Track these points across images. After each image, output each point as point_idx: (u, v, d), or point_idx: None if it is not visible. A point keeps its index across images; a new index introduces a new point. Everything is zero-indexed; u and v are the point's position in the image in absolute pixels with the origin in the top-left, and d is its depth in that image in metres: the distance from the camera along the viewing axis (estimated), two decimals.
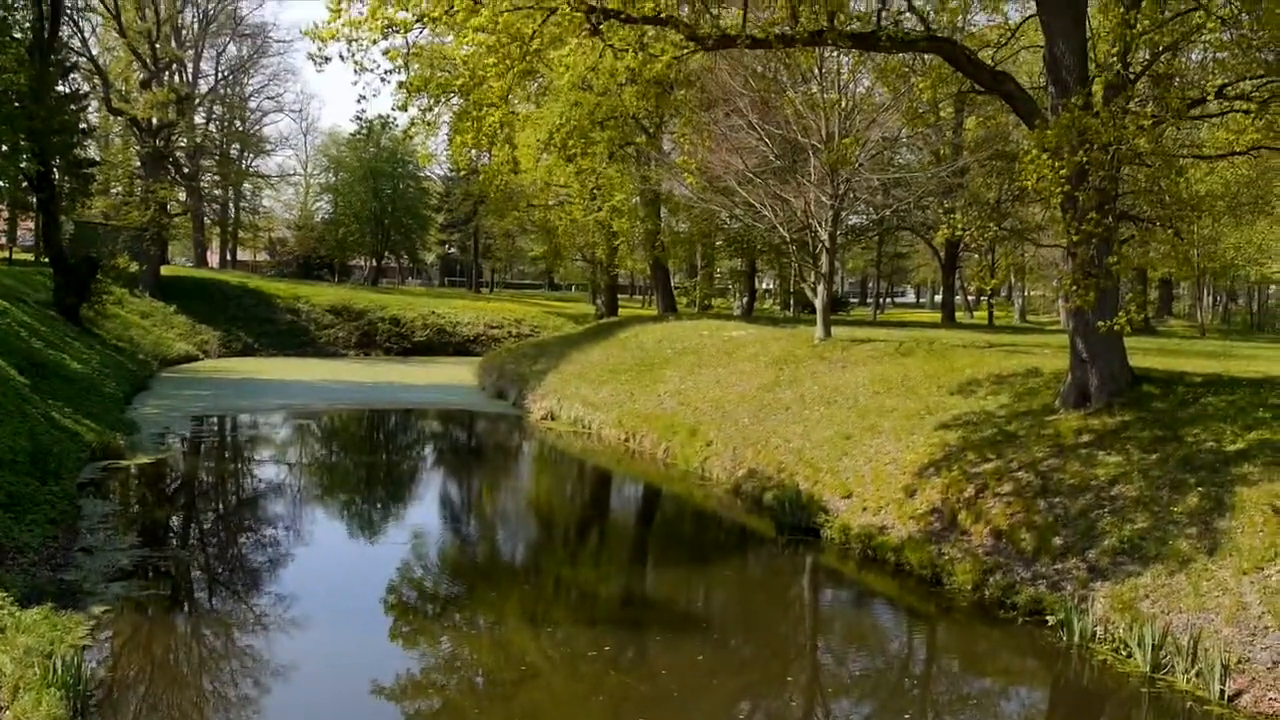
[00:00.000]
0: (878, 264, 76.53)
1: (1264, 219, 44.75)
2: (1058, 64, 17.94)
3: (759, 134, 33.40)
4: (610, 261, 53.16)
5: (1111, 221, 17.05)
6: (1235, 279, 66.31)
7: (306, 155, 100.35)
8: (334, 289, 68.78)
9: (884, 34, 17.99)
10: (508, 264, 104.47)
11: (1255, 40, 16.44)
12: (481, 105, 17.22)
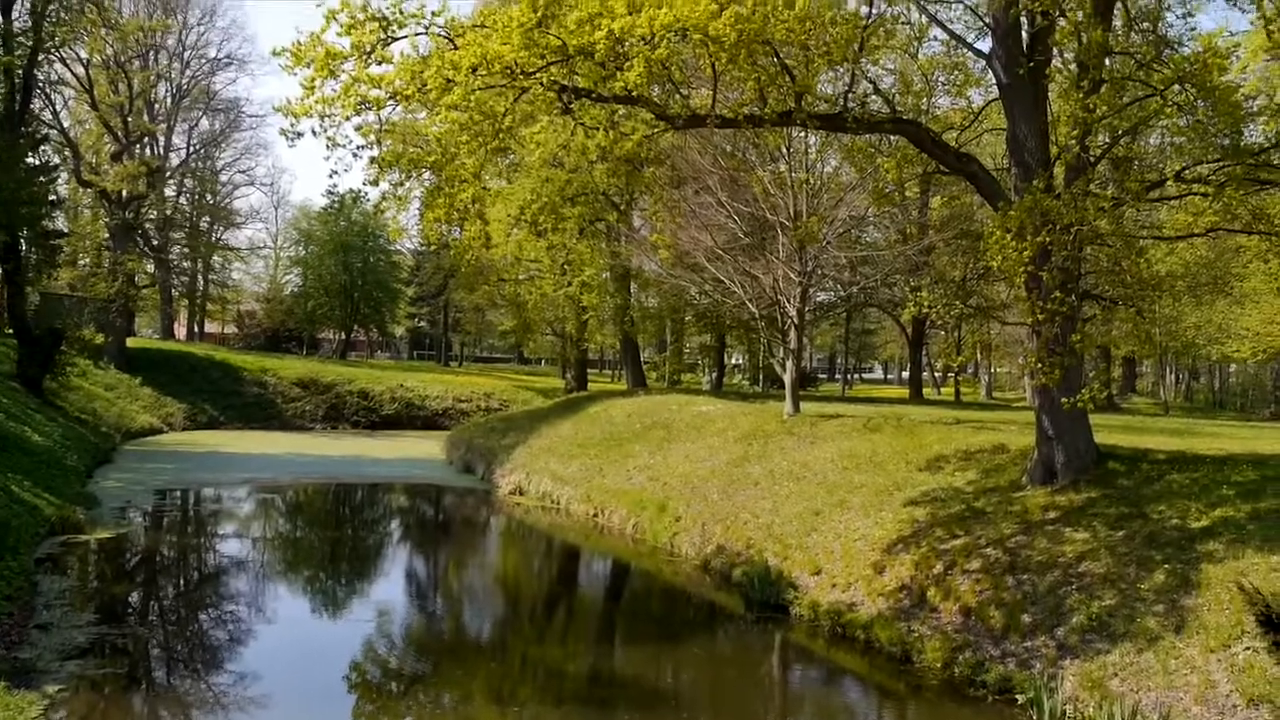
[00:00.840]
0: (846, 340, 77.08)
1: (1223, 299, 45.54)
2: (1020, 147, 18.35)
3: (728, 211, 33.80)
4: (580, 336, 53.30)
5: (1075, 300, 17.31)
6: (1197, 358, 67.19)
7: (277, 228, 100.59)
8: (302, 362, 68.48)
9: (850, 115, 18.34)
10: (477, 338, 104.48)
11: (1211, 126, 16.88)
12: (453, 181, 17.35)
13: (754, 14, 15.36)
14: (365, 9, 15.64)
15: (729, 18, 14.97)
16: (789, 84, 17.55)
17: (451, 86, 15.35)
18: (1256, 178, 17.61)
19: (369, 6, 15.64)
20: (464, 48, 15.56)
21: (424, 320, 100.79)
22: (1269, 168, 17.62)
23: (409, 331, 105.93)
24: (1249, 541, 14.12)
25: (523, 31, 15.24)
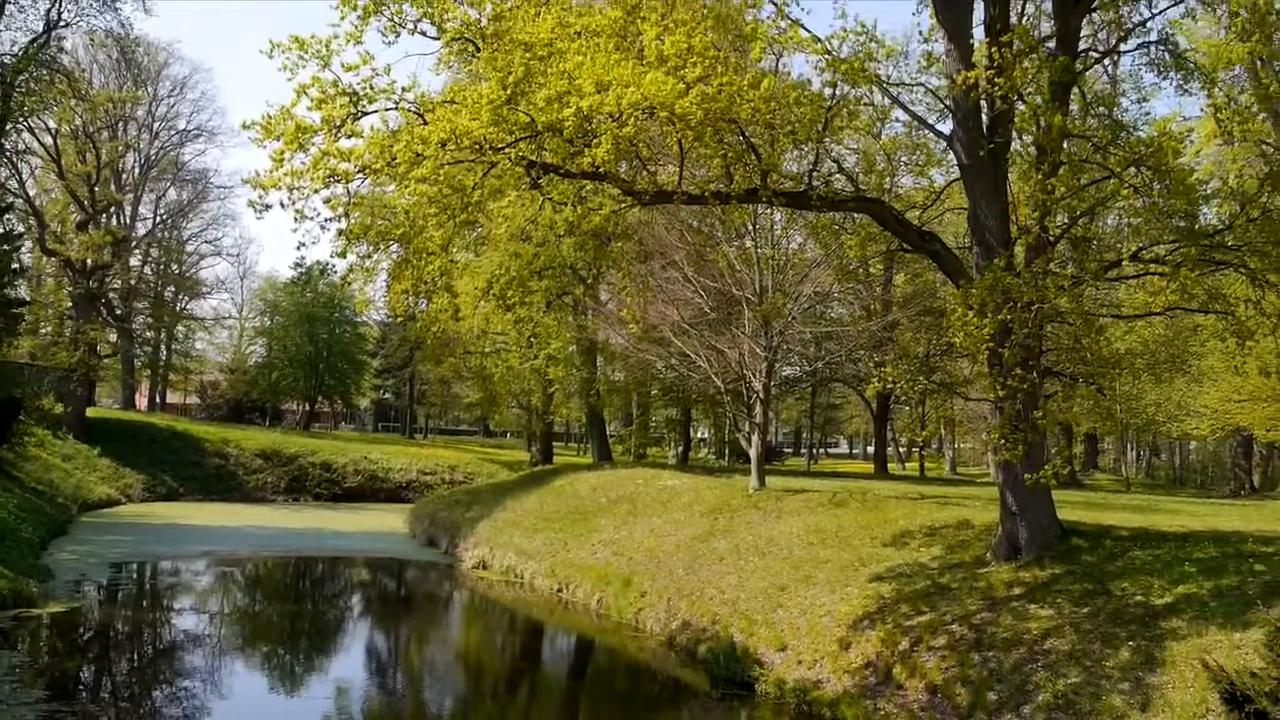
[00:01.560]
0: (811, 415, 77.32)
1: (1182, 377, 46.13)
2: (981, 226, 18.67)
3: (694, 286, 34.05)
4: (546, 409, 53.18)
5: (1036, 377, 17.50)
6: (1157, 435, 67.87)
7: (242, 299, 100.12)
8: (265, 433, 67.82)
9: (815, 193, 18.62)
10: (443, 410, 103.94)
11: (1166, 208, 17.26)
12: (421, 253, 17.42)
13: (720, 93, 15.64)
14: (336, 84, 15.81)
15: (695, 97, 15.23)
16: (755, 162, 17.83)
17: (421, 160, 15.48)
18: (1211, 258, 17.99)
19: (340, 82, 15.82)
20: (434, 123, 15.73)
21: (389, 392, 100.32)
22: (1223, 249, 18.02)
23: (374, 403, 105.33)
24: (1212, 618, 14.17)
25: (492, 108, 15.43)
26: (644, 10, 17.35)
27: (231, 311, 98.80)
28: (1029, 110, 17.93)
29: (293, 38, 15.84)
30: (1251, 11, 18.52)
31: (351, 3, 16.05)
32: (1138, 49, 20.61)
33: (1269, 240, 17.52)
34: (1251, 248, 17.70)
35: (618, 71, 15.27)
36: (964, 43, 18.94)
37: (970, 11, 19.34)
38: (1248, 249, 17.76)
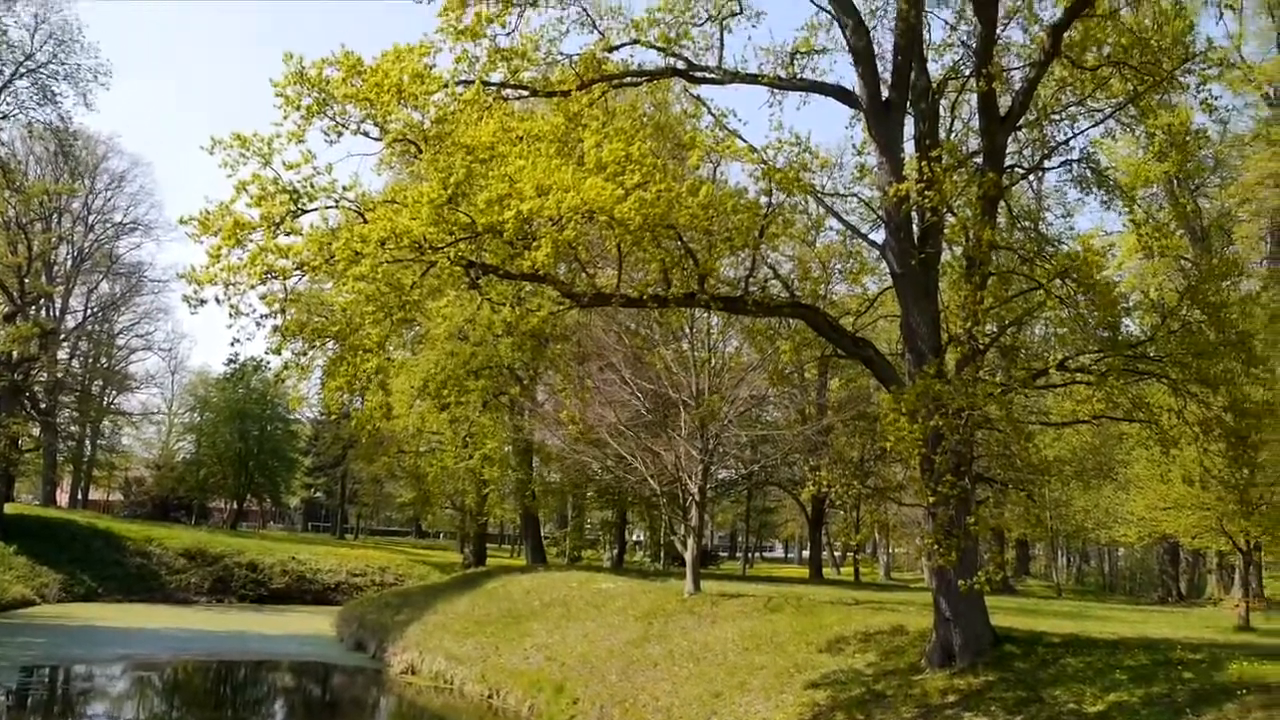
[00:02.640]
0: (747, 518, 77.18)
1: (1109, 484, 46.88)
2: (913, 333, 19.03)
3: (632, 388, 34.14)
4: (480, 510, 52.56)
5: (968, 483, 17.69)
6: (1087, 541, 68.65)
7: (173, 394, 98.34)
8: (190, 532, 66.10)
9: (751, 299, 18.88)
10: (375, 510, 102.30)
11: (1091, 319, 17.74)
12: (357, 351, 17.31)
13: (659, 199, 15.89)
14: (277, 182, 15.85)
15: (634, 202, 15.46)
16: (692, 266, 18.08)
17: (359, 259, 15.48)
18: (1135, 368, 18.47)
19: (280, 180, 15.86)
20: (373, 221, 15.79)
21: (320, 491, 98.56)
22: (1146, 359, 18.52)
23: (304, 502, 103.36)
24: None
25: (432, 208, 15.54)
26: (585, 118, 17.72)
27: (161, 407, 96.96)
28: (959, 222, 18.48)
29: (234, 135, 15.90)
30: (1168, 133, 19.35)
31: (294, 103, 16.19)
32: (1061, 166, 21.42)
33: (1189, 351, 18.05)
34: (1173, 359, 18.22)
35: (558, 176, 15.49)
36: (895, 156, 19.53)
37: (901, 126, 19.99)
38: (1169, 360, 18.27)
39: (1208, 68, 19.32)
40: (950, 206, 18.41)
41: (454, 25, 17.84)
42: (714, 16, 20.30)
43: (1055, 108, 20.70)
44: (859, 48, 19.77)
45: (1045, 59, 18.79)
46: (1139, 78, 19.43)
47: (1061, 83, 20.60)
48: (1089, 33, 19.57)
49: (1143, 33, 19.36)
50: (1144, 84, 19.41)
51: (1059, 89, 20.70)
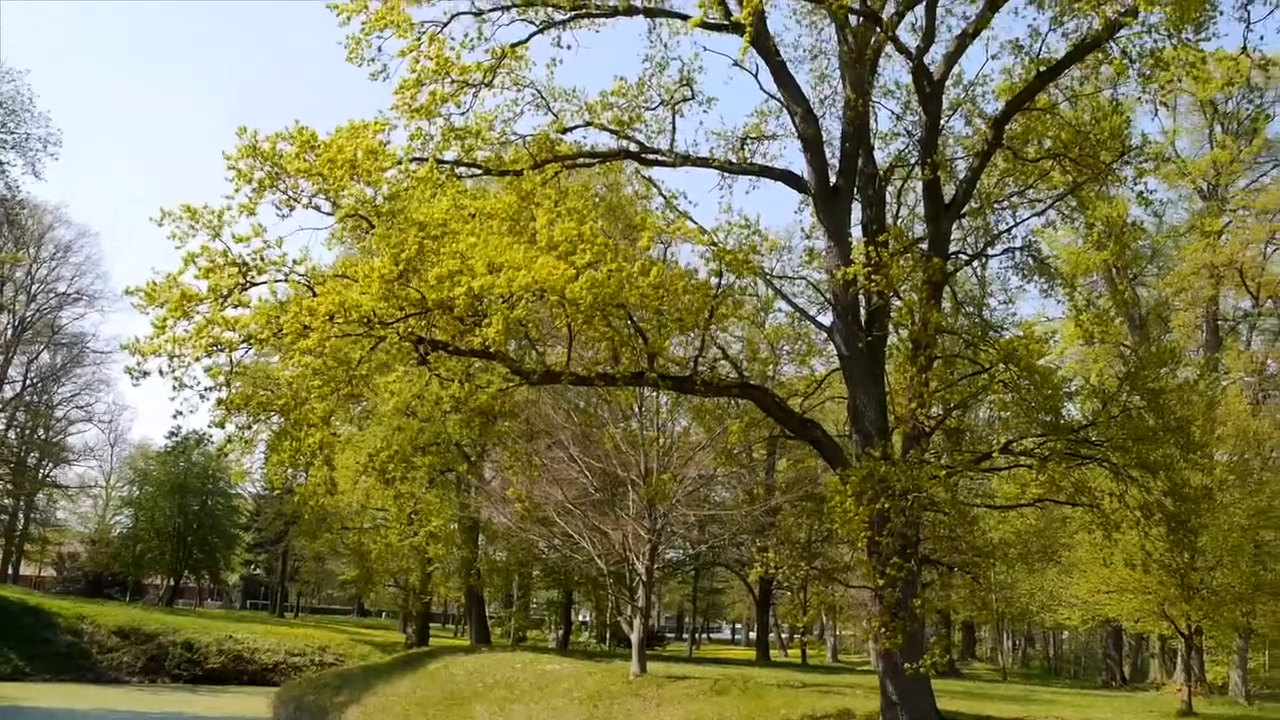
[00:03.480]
0: (694, 599, 76.65)
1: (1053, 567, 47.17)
2: (860, 415, 19.19)
3: (580, 466, 33.97)
4: (424, 589, 51.73)
5: (914, 566, 17.74)
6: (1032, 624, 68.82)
7: (112, 467, 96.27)
8: (124, 609, 64.31)
9: (700, 379, 18.97)
10: (316, 587, 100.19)
11: (1033, 403, 18.01)
12: (302, 425, 17.14)
13: (610, 279, 16.01)
14: (226, 254, 15.80)
15: (585, 282, 15.56)
16: (642, 346, 18.17)
17: (308, 333, 15.41)
18: (1077, 453, 18.73)
19: (230, 252, 15.80)
20: (323, 295, 15.74)
21: (260, 568, 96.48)
22: (1088, 444, 18.80)
23: (243, 579, 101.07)
24: None
25: (383, 283, 15.55)
26: (537, 197, 17.90)
27: (98, 480, 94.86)
28: (905, 306, 18.78)
29: (185, 207, 15.88)
30: (1106, 224, 19.88)
31: (246, 176, 16.21)
32: (1004, 253, 21.91)
33: (1130, 437, 18.36)
34: (1114, 444, 18.51)
35: (510, 254, 15.59)
36: (843, 241, 19.87)
37: (849, 212, 20.37)
38: (1111, 445, 18.57)
39: (1143, 162, 19.96)
40: (897, 291, 18.72)
41: (409, 103, 18.04)
42: (666, 101, 20.70)
43: (998, 197, 21.22)
44: (808, 135, 20.19)
45: (988, 150, 19.30)
46: (1078, 170, 20.01)
47: (1004, 173, 21.15)
48: (1030, 126, 20.18)
49: (1081, 127, 19.98)
50: (1083, 176, 19.99)
51: (1001, 179, 21.25)
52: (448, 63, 18.61)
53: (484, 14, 19.36)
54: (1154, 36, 17.54)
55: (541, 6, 19.65)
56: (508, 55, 19.42)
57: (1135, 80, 18.59)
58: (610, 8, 19.90)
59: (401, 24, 18.43)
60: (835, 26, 20.41)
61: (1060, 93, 20.59)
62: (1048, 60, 18.62)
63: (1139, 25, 17.18)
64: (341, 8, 18.57)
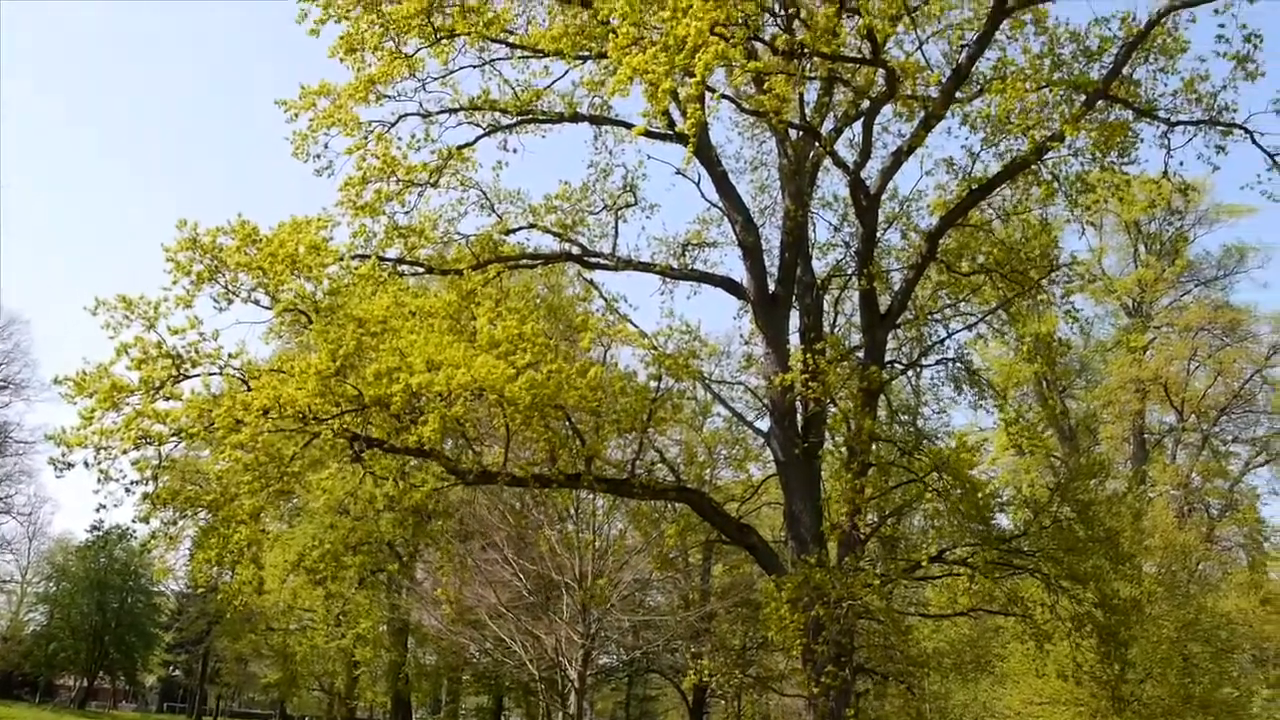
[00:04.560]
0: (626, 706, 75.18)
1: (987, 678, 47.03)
2: (796, 521, 19.21)
3: (514, 568, 33.48)
4: (350, 693, 50.30)
5: (849, 675, 17.62)
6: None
7: (29, 561, 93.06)
8: (33, 711, 61.82)
9: (637, 482, 18.92)
10: (237, 690, 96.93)
11: (966, 512, 18.19)
12: (230, 522, 16.76)
13: (548, 380, 16.02)
14: (160, 346, 15.59)
15: (524, 382, 15.55)
16: (579, 447, 18.13)
17: (240, 427, 15.18)
18: (1010, 563, 18.88)
19: (164, 344, 15.60)
20: (258, 390, 15.56)
21: (179, 669, 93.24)
22: (1020, 554, 18.96)
23: (161, 680, 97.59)
24: None
25: (320, 379, 15.40)
26: (479, 296, 17.98)
27: (14, 575, 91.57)
28: (841, 413, 18.98)
29: (120, 297, 15.67)
30: (1036, 338, 20.37)
31: (185, 268, 16.10)
32: (937, 364, 22.28)
33: (1060, 547, 18.56)
34: (1045, 554, 18.69)
35: (449, 352, 15.57)
36: (781, 347, 20.11)
37: (787, 319, 20.66)
38: (1042, 555, 18.74)
39: (1071, 279, 20.57)
40: (833, 398, 18.94)
41: (354, 200, 18.15)
42: (610, 206, 21.04)
43: (932, 308, 21.69)
44: (748, 243, 20.54)
45: (922, 263, 19.76)
46: (1009, 285, 20.54)
47: (938, 285, 21.65)
48: (963, 241, 20.74)
49: (1012, 244, 20.58)
50: (1013, 291, 20.52)
51: (935, 291, 21.75)
52: (394, 162, 18.80)
53: (431, 116, 19.66)
54: (1080, 160, 18.24)
55: (488, 110, 19.99)
56: (454, 156, 19.67)
57: (1064, 201, 19.25)
58: (556, 114, 20.29)
59: (349, 123, 18.63)
60: (776, 140, 20.98)
61: (993, 210, 21.24)
62: (980, 179, 19.22)
63: (1066, 149, 17.85)
64: (290, 104, 18.75)
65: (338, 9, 18.24)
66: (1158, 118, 17.35)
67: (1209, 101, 17.04)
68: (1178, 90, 17.27)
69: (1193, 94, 17.14)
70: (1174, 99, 17.34)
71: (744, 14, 13.92)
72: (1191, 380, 42.53)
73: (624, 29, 13.88)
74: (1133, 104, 17.33)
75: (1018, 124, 17.85)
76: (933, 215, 20.41)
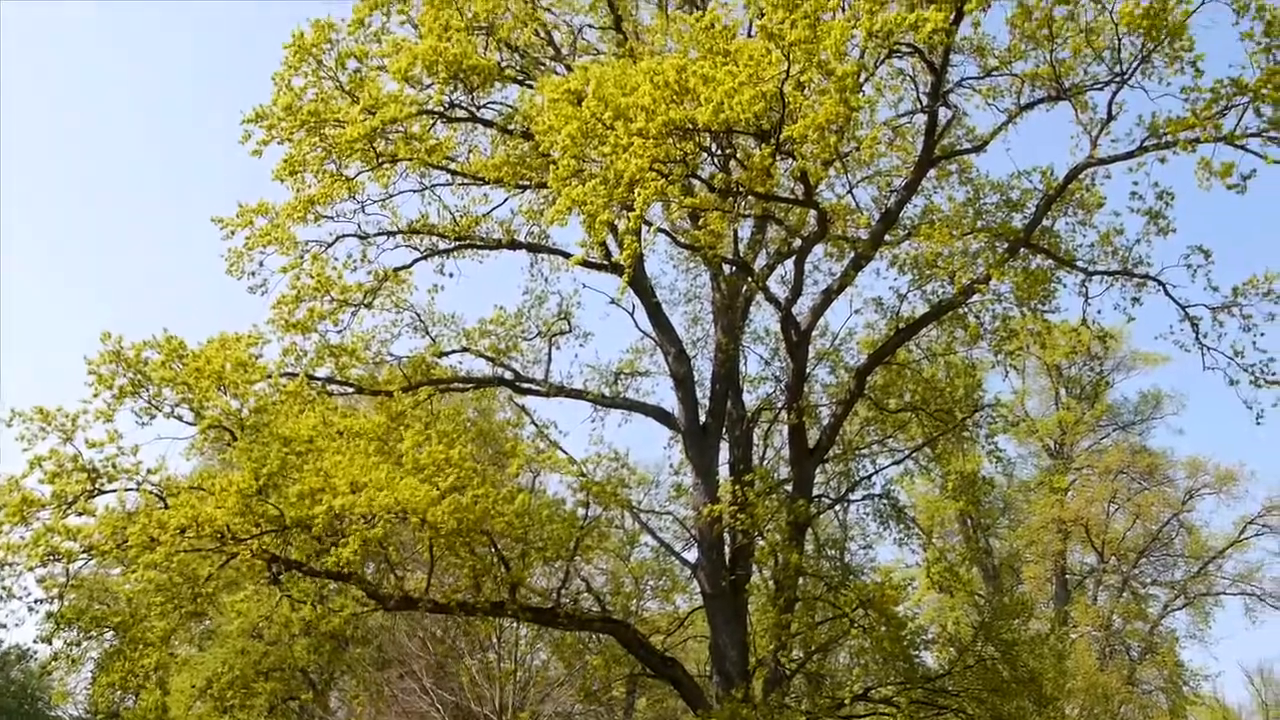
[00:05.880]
0: None
1: None
2: (721, 655, 18.98)
3: (432, 699, 32.56)
4: None
5: None
6: None
7: None
8: None
9: (562, 611, 18.63)
10: None
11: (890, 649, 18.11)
12: (138, 644, 16.13)
13: (475, 504, 15.86)
14: (76, 459, 15.20)
15: (449, 505, 15.38)
16: (504, 575, 17.85)
17: (155, 545, 14.74)
18: (934, 702, 18.77)
19: (80, 458, 15.22)
20: (175, 508, 15.17)
21: None
22: (945, 693, 18.86)
23: None
24: None
25: (241, 498, 15.08)
26: (408, 418, 17.85)
27: None
28: (768, 546, 18.95)
29: (37, 409, 15.30)
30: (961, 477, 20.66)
31: (107, 382, 15.81)
32: (864, 499, 22.44)
33: (985, 688, 18.52)
34: (969, 694, 18.63)
35: (374, 474, 15.37)
36: (710, 479, 20.15)
37: (717, 450, 20.75)
38: (966, 695, 18.67)
39: (995, 420, 21.01)
40: (761, 531, 18.92)
41: (286, 319, 18.09)
42: (544, 333, 21.20)
43: (860, 444, 21.96)
44: (680, 374, 20.73)
45: (851, 399, 20.05)
46: (935, 424, 20.90)
47: (866, 422, 21.97)
48: (890, 379, 21.13)
49: (938, 384, 21.02)
50: (939, 430, 20.88)
51: (863, 427, 22.06)
52: (329, 281, 18.82)
53: (369, 237, 19.81)
54: (1004, 304, 18.82)
55: (427, 235, 20.20)
56: (390, 278, 19.76)
57: (988, 343, 19.76)
58: (494, 241, 20.56)
59: (285, 241, 18.70)
60: (710, 274, 21.38)
61: (920, 350, 21.73)
62: (907, 319, 19.69)
63: (991, 293, 18.41)
64: (226, 221, 18.79)
65: (281, 131, 18.44)
66: (1077, 267, 18.00)
67: (1124, 254, 17.74)
68: (1095, 242, 17.99)
69: (1109, 246, 17.85)
70: (1092, 250, 18.05)
71: (683, 152, 14.30)
72: (1111, 522, 43.23)
73: (565, 161, 14.17)
74: (1053, 253, 17.99)
75: (944, 268, 18.43)
76: (861, 353, 20.83)
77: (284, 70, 18.70)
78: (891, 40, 14.27)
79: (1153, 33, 14.61)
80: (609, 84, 13.82)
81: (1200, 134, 14.97)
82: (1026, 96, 17.20)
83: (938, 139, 17.19)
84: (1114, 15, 15.06)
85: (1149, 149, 15.94)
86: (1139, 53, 15.37)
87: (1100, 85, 16.30)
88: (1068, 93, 16.51)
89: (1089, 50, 15.95)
